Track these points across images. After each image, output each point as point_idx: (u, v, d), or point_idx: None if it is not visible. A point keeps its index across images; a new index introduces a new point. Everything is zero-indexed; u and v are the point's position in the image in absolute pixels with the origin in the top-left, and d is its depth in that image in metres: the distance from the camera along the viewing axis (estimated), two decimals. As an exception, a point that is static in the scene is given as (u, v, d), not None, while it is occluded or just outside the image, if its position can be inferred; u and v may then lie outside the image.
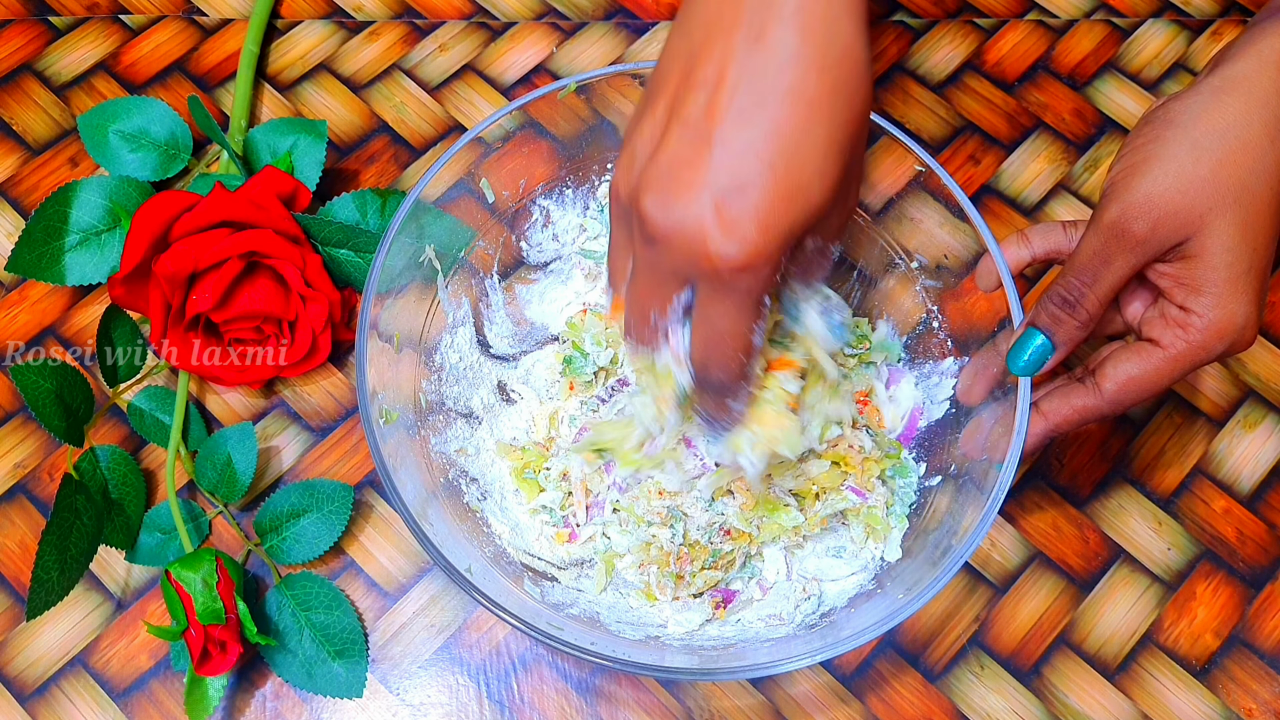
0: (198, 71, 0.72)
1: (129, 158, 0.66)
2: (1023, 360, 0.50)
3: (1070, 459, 0.62)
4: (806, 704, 0.56)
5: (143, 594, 0.58)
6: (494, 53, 0.73)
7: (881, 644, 0.57)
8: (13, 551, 0.59)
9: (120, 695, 0.56)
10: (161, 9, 0.74)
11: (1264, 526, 0.60)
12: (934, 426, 0.57)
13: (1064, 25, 0.75)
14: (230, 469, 0.58)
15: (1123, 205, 0.48)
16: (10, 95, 0.71)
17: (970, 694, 0.56)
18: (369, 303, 0.52)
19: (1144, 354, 0.49)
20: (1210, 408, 0.63)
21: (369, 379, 0.51)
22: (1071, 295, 0.49)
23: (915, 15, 0.75)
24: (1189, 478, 0.61)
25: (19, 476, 0.60)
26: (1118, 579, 0.59)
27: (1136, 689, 0.57)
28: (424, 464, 0.54)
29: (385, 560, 0.59)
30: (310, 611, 0.56)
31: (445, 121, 0.71)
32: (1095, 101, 0.72)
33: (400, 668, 0.56)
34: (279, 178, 0.62)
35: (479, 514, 0.56)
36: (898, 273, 0.60)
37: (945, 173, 0.55)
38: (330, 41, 0.73)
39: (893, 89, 0.72)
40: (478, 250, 0.60)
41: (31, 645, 0.56)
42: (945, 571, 0.48)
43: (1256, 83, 0.48)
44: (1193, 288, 0.47)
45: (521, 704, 0.56)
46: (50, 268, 0.63)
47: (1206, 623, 0.58)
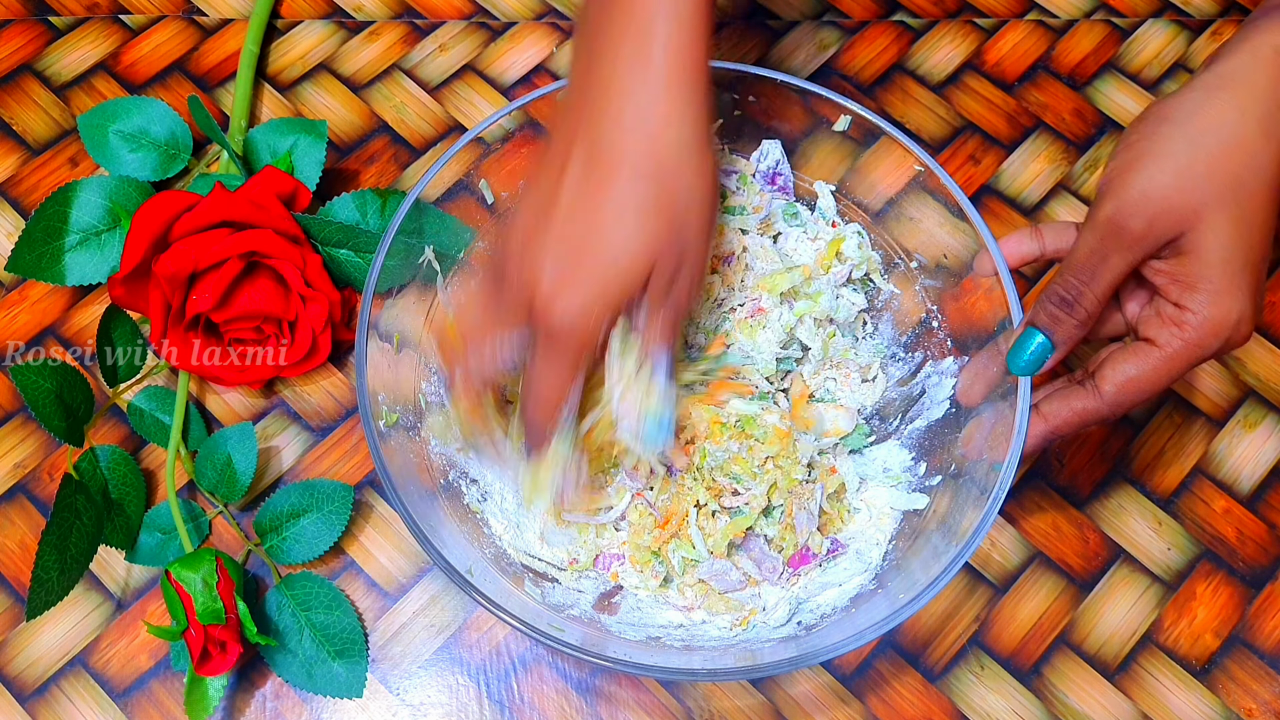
0: (198, 71, 0.72)
1: (129, 158, 0.66)
2: (1023, 360, 0.50)
3: (1070, 459, 0.62)
4: (806, 704, 0.56)
5: (143, 594, 0.58)
6: (494, 53, 0.73)
7: (881, 644, 0.57)
8: (13, 551, 0.59)
9: (120, 695, 0.56)
10: (161, 9, 0.74)
11: (1264, 526, 0.60)
12: (934, 426, 0.57)
13: (1064, 25, 0.75)
14: (230, 469, 0.58)
15: (1118, 202, 0.48)
16: (10, 95, 0.71)
17: (970, 694, 0.56)
18: (369, 303, 0.52)
19: (1141, 354, 0.49)
20: (1210, 408, 0.63)
21: (369, 379, 0.51)
22: (1070, 294, 0.49)
23: (915, 15, 0.75)
24: (1189, 478, 0.61)
25: (19, 476, 0.60)
26: (1118, 579, 0.59)
27: (1136, 689, 0.57)
28: (424, 465, 0.54)
29: (385, 560, 0.59)
30: (310, 611, 0.56)
31: (445, 121, 0.71)
32: (1095, 101, 0.72)
33: (400, 668, 0.56)
34: (279, 178, 0.62)
35: (479, 515, 0.56)
36: (898, 272, 0.60)
37: (945, 173, 0.55)
38: (330, 41, 0.73)
39: (893, 89, 0.72)
40: (478, 250, 0.60)
41: (31, 645, 0.57)
42: (945, 571, 0.48)
43: (1250, 79, 0.48)
44: (1188, 284, 0.47)
45: (521, 704, 0.56)
46: (50, 268, 0.63)
47: (1206, 623, 0.58)
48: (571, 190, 0.47)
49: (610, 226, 0.46)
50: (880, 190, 0.59)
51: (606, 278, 0.47)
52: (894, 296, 0.60)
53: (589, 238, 0.46)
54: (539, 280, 0.47)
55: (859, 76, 0.72)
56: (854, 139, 0.58)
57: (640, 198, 0.46)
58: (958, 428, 0.55)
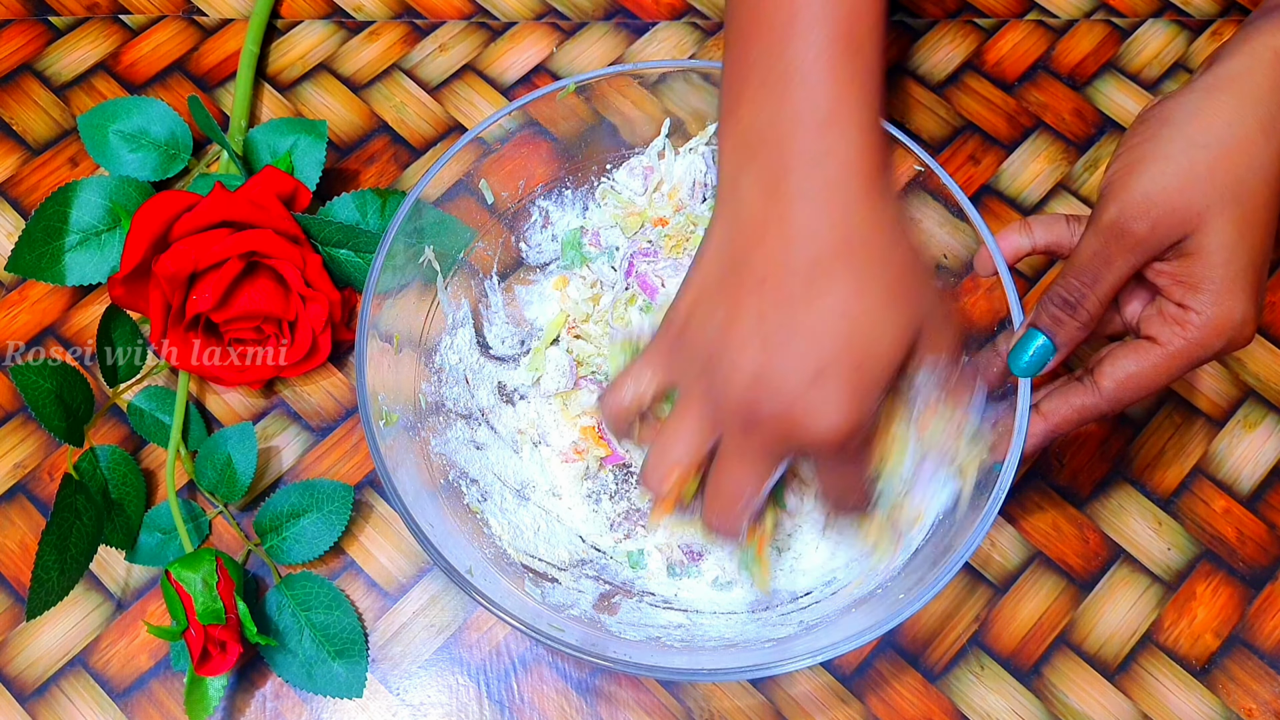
0: (198, 71, 0.72)
1: (129, 158, 0.66)
2: (1024, 361, 0.50)
3: (1070, 459, 0.62)
4: (806, 704, 0.56)
5: (143, 594, 0.58)
6: (494, 53, 0.73)
7: (881, 644, 0.57)
8: (13, 551, 0.59)
9: (120, 695, 0.56)
10: (161, 9, 0.74)
11: (1264, 526, 0.60)
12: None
13: (1064, 25, 0.75)
14: (230, 469, 0.58)
15: (1121, 205, 0.48)
16: (10, 95, 0.71)
17: (970, 694, 0.56)
18: (369, 303, 0.52)
19: (1142, 351, 0.49)
20: (1210, 408, 0.63)
21: (369, 379, 0.51)
22: (1072, 296, 0.49)
23: (915, 15, 0.75)
24: (1189, 478, 0.61)
25: (19, 476, 0.60)
26: (1118, 579, 0.59)
27: (1136, 689, 0.57)
28: (424, 465, 0.54)
29: (385, 560, 0.59)
30: (310, 611, 0.56)
31: (445, 121, 0.71)
32: (1095, 101, 0.72)
33: (400, 668, 0.56)
34: (279, 178, 0.62)
35: (479, 515, 0.56)
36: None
37: (945, 173, 0.55)
38: (330, 41, 0.73)
39: (893, 89, 0.72)
40: (477, 251, 0.60)
41: (31, 645, 0.57)
42: (945, 571, 0.48)
43: (1250, 80, 0.48)
44: (1191, 285, 0.47)
45: (521, 704, 0.56)
46: (50, 268, 0.63)
47: (1206, 623, 0.58)
48: (790, 284, 0.43)
49: (855, 308, 0.43)
50: (880, 190, 0.58)
51: (867, 365, 0.43)
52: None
53: (839, 325, 0.43)
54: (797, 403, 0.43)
55: (859, 76, 0.72)
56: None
57: (862, 267, 0.44)
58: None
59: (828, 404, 0.43)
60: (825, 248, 0.43)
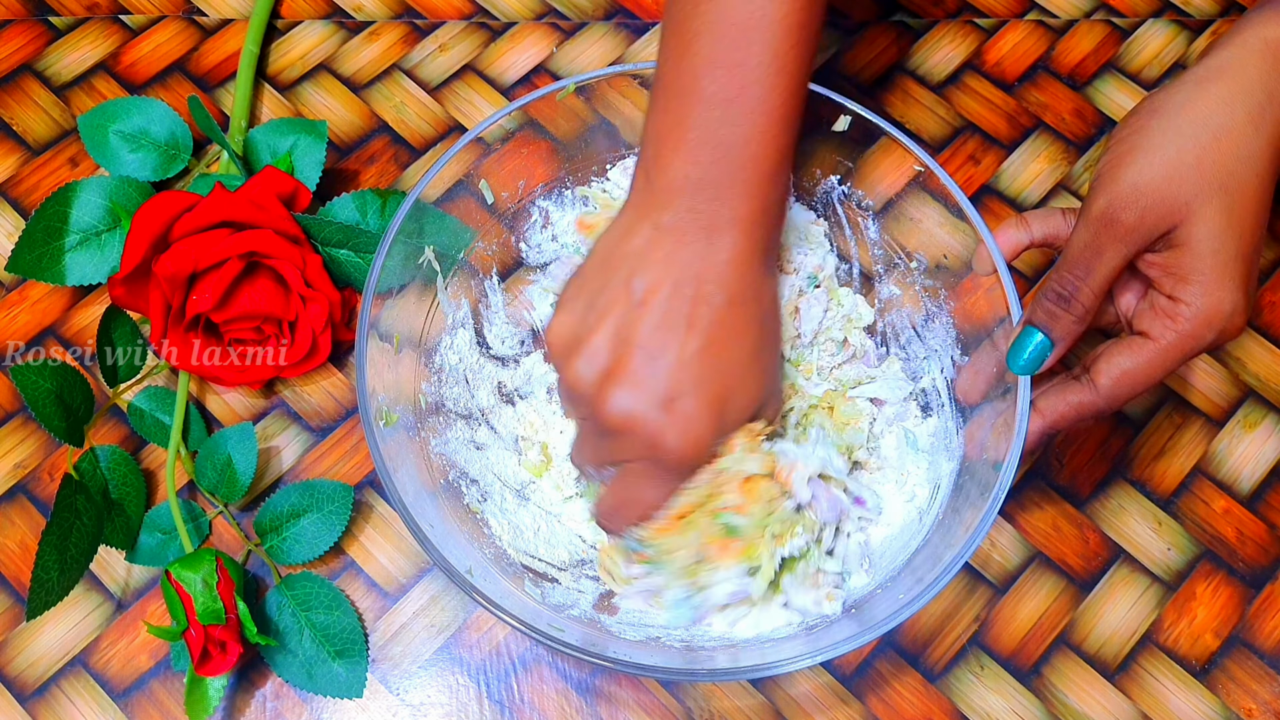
0: (198, 71, 0.72)
1: (129, 158, 0.66)
2: (1022, 358, 0.50)
3: (1070, 459, 0.62)
4: (806, 704, 0.56)
5: (143, 594, 0.58)
6: (494, 53, 0.73)
7: (881, 644, 0.57)
8: (13, 551, 0.59)
9: (120, 695, 0.56)
10: (161, 9, 0.74)
11: (1264, 526, 0.60)
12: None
13: (1064, 25, 0.75)
14: (230, 469, 0.58)
15: (1110, 196, 0.48)
16: (10, 95, 0.71)
17: (970, 694, 0.56)
18: (369, 303, 0.52)
19: (1135, 347, 0.49)
20: (1210, 408, 0.63)
21: (369, 379, 0.51)
22: (1066, 290, 0.49)
23: (915, 15, 0.75)
24: (1189, 478, 0.61)
25: (19, 476, 0.60)
26: (1118, 579, 0.59)
27: (1136, 689, 0.57)
28: (424, 465, 0.54)
29: (385, 560, 0.59)
30: (310, 611, 0.56)
31: (445, 121, 0.71)
32: (1095, 101, 0.72)
33: (400, 668, 0.56)
34: (279, 178, 0.62)
35: (479, 515, 0.56)
36: (898, 273, 0.60)
37: (945, 173, 0.55)
38: (330, 41, 0.73)
39: (893, 89, 0.72)
40: (477, 251, 0.60)
41: (31, 645, 0.57)
42: (945, 571, 0.48)
43: (1240, 70, 0.48)
44: (1180, 276, 0.48)
45: (521, 704, 0.56)
46: (50, 268, 0.63)
47: (1206, 623, 0.58)
48: (662, 321, 0.48)
49: (715, 356, 0.48)
50: (880, 190, 0.59)
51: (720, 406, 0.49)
52: (894, 297, 0.60)
53: (698, 363, 0.48)
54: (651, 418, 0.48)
55: (859, 77, 0.72)
56: (854, 139, 0.58)
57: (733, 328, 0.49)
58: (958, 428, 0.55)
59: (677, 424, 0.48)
60: (714, 300, 0.48)
